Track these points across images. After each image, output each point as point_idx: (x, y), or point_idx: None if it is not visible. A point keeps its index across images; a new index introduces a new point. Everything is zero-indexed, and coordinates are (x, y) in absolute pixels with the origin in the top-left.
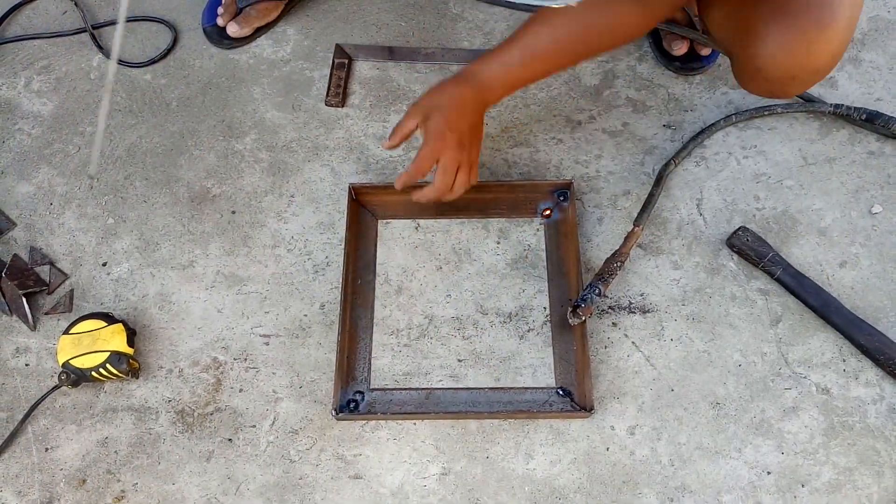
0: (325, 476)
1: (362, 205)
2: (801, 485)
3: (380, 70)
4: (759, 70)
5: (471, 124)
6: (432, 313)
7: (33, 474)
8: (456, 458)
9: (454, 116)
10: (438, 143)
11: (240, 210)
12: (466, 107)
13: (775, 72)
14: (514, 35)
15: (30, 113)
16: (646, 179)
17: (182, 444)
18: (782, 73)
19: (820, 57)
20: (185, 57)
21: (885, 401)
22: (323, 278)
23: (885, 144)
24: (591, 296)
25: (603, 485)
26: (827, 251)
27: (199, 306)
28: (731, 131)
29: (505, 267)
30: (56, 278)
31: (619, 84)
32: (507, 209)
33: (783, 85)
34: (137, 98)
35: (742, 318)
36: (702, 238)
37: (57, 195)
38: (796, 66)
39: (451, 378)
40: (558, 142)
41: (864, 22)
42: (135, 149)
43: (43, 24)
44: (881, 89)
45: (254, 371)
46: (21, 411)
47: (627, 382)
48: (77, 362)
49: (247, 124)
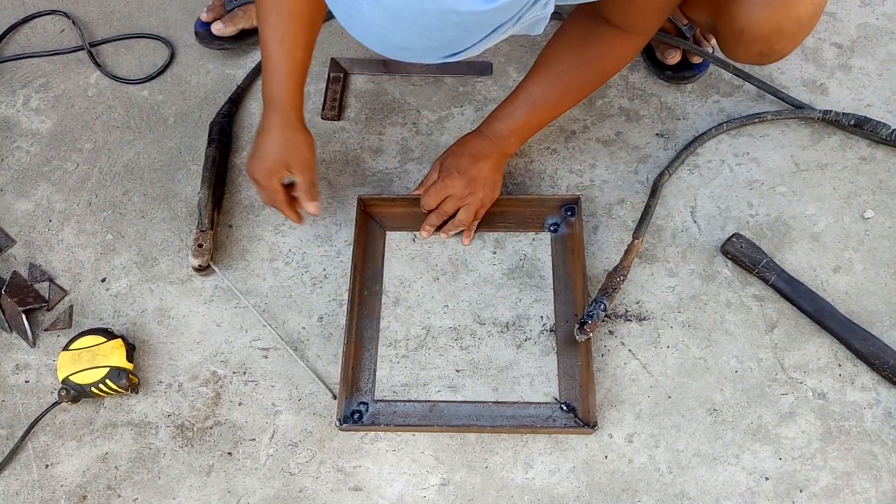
0: (325, 488)
1: (370, 216)
2: (800, 490)
3: (375, 83)
4: (742, 31)
5: (486, 173)
6: (430, 324)
7: (34, 491)
8: (455, 468)
9: (466, 161)
10: (446, 181)
11: (237, 224)
12: (481, 155)
13: (758, 28)
14: (517, 87)
15: (28, 130)
16: (640, 188)
17: (182, 458)
18: (765, 27)
19: (801, 5)
20: (181, 73)
21: (881, 405)
22: (321, 291)
23: (877, 150)
24: (597, 312)
25: (602, 493)
26: (820, 257)
27: (198, 320)
28: (723, 139)
29: (502, 277)
30: (55, 295)
31: (612, 94)
32: (514, 223)
33: (769, 42)
34: (135, 114)
35: (737, 325)
36: (696, 245)
37: (56, 212)
38: (778, 16)
39: (449, 389)
40: (553, 152)
41: (853, 29)
42: (133, 165)
43: (41, 43)
44: (871, 95)
45: (253, 384)
46: (21, 428)
47: (625, 390)
48: (77, 378)
49: (244, 139)
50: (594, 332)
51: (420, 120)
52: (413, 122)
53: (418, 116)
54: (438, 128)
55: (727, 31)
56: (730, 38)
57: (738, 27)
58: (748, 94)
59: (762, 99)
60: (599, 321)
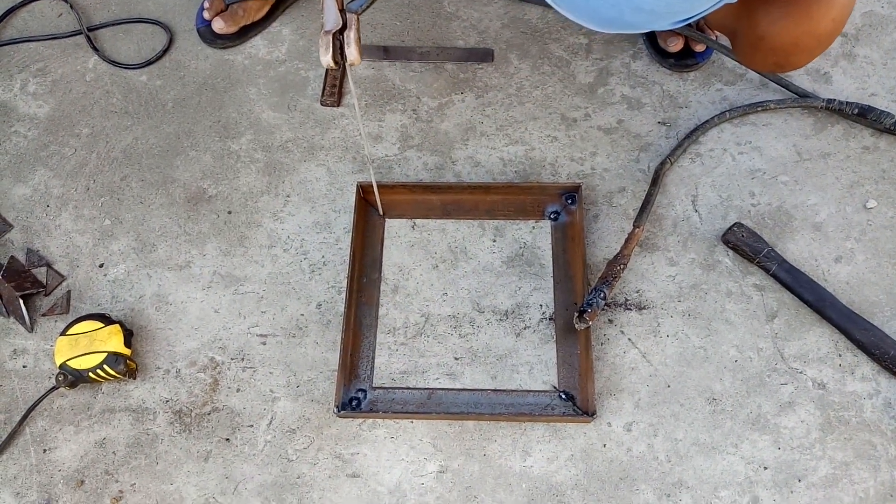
0: (322, 475)
1: (370, 203)
2: (798, 480)
3: (375, 69)
4: (761, 38)
5: None
6: (429, 311)
7: (31, 475)
8: (453, 455)
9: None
10: None
11: (236, 210)
12: None
13: (778, 38)
14: None
15: (26, 115)
16: (641, 176)
17: (180, 444)
18: (785, 38)
19: (821, 21)
20: (180, 58)
21: (881, 395)
22: (319, 278)
23: (880, 139)
24: (596, 300)
25: (600, 481)
26: (822, 246)
27: (196, 307)
28: (725, 127)
29: (501, 265)
30: (53, 280)
31: (614, 81)
32: (514, 211)
33: (786, 53)
34: (133, 99)
35: (738, 314)
36: (697, 234)
37: (53, 197)
38: (798, 29)
39: (448, 376)
40: (553, 139)
41: (857, 17)
42: (131, 150)
43: (39, 27)
44: (875, 84)
45: (251, 371)
46: (19, 413)
47: (624, 379)
48: (74, 363)
49: (242, 125)
50: (594, 321)
51: (420, 107)
52: (413, 108)
53: (418, 103)
54: (439, 115)
55: (747, 37)
56: (748, 45)
57: (758, 34)
58: (751, 82)
59: (765, 87)
60: (599, 310)
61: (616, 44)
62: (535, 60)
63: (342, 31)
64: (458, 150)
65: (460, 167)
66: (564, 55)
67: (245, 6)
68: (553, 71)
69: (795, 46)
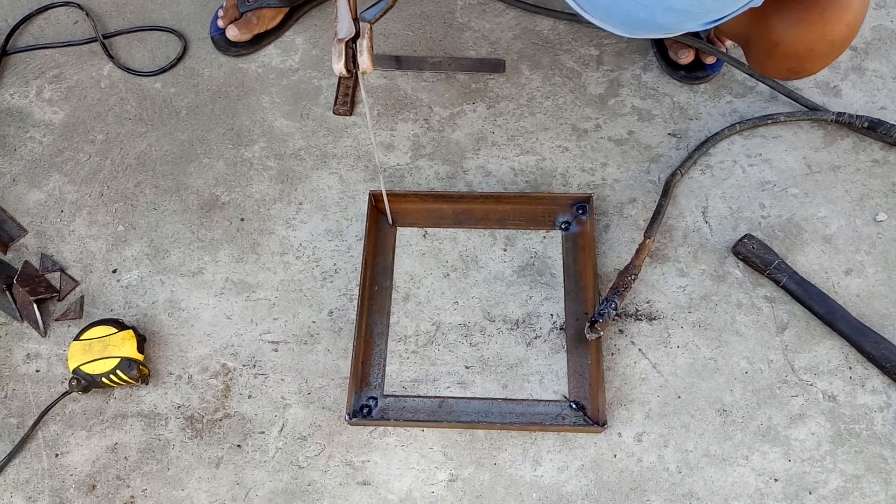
0: (333, 482)
1: (382, 212)
2: (809, 492)
3: (387, 79)
4: (776, 44)
5: None
6: (440, 320)
7: (43, 480)
8: (464, 464)
9: None
10: None
11: (248, 217)
12: None
13: (792, 44)
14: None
15: (41, 121)
16: (651, 187)
17: (191, 450)
18: (799, 44)
19: (836, 26)
20: (194, 66)
21: (892, 408)
22: (331, 285)
23: (890, 153)
24: (608, 310)
25: (610, 492)
26: (832, 259)
27: (209, 313)
28: (735, 140)
29: (512, 274)
30: (67, 285)
31: (625, 93)
32: (524, 221)
33: (801, 58)
34: (147, 106)
35: (748, 326)
36: (707, 246)
37: (68, 202)
38: (813, 35)
39: (458, 385)
40: (564, 150)
41: (867, 31)
42: (145, 157)
43: (54, 34)
44: (885, 98)
45: (262, 377)
46: (31, 417)
47: (634, 389)
48: (87, 368)
49: (255, 132)
50: (605, 331)
51: (432, 116)
52: (425, 118)
53: (430, 112)
54: (450, 124)
55: (761, 43)
56: (762, 51)
57: (773, 40)
58: (761, 94)
59: (775, 100)
60: (610, 320)
61: (627, 55)
62: (547, 71)
63: (355, 39)
64: (469, 160)
65: (471, 177)
66: (575, 66)
67: (259, 14)
68: (564, 82)
69: (810, 52)
